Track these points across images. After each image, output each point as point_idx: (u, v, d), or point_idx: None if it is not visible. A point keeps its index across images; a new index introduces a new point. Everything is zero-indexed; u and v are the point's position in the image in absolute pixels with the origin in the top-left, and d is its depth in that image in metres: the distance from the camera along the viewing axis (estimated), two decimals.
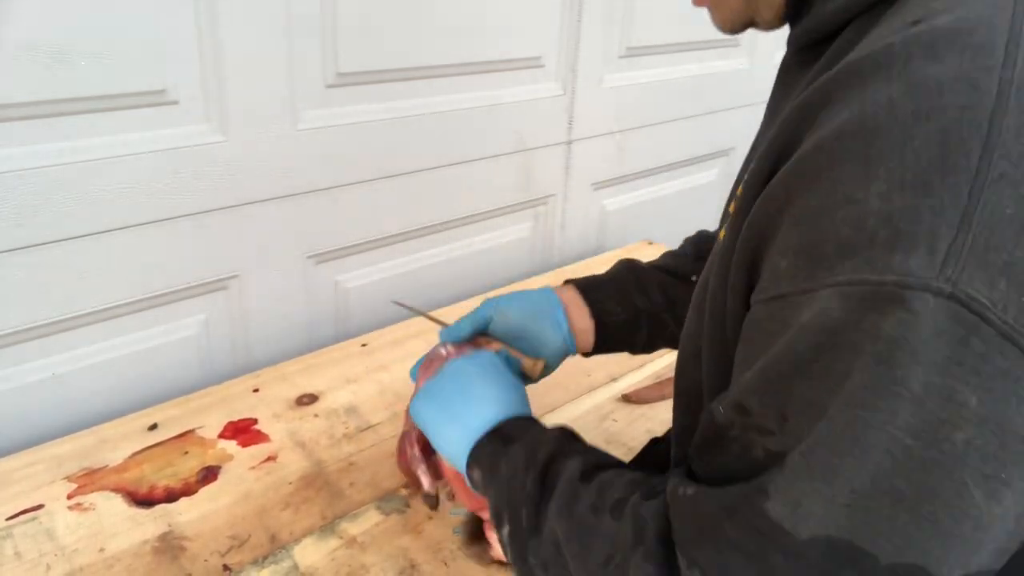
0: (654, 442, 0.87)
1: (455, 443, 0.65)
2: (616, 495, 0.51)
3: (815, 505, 0.38)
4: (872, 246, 0.36)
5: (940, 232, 0.35)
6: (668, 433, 0.72)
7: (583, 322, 0.80)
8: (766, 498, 0.40)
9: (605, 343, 0.82)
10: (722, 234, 0.54)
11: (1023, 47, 0.38)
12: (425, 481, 0.80)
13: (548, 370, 0.80)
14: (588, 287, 0.82)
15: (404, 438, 0.80)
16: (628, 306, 0.81)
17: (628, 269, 0.86)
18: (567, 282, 0.84)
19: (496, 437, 0.62)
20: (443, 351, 0.75)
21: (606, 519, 0.50)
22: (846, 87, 0.40)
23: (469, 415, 0.64)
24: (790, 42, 0.55)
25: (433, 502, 0.80)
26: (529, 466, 0.56)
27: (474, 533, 0.81)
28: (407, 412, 0.79)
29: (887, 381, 0.36)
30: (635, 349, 0.84)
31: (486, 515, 0.77)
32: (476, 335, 0.78)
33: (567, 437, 0.60)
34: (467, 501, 0.75)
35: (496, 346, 0.77)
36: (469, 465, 0.63)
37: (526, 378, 0.78)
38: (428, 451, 0.80)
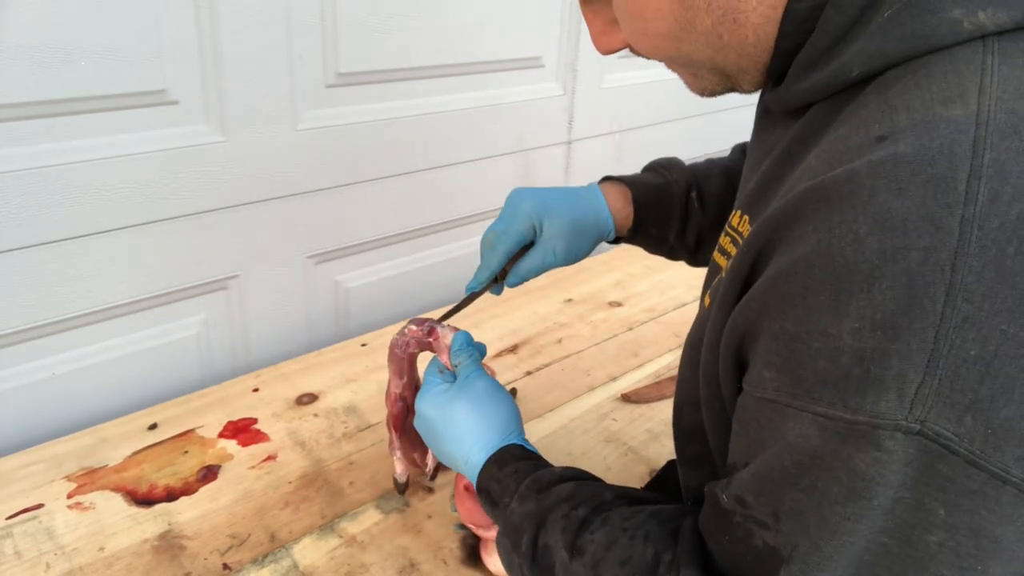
0: (670, 464, 0.90)
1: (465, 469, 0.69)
2: None
3: None
4: (846, 384, 0.39)
5: (908, 376, 0.38)
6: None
7: (621, 201, 0.82)
8: None
9: (642, 217, 0.83)
10: (707, 300, 0.57)
11: (984, 181, 0.38)
12: (398, 467, 0.85)
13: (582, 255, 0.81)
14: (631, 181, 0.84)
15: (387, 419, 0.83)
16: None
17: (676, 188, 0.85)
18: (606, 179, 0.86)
19: (483, 497, 0.65)
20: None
21: None
22: (813, 209, 0.42)
23: (455, 462, 0.69)
24: (764, 100, 0.57)
25: (402, 488, 0.85)
26: (518, 551, 0.59)
27: (471, 552, 0.81)
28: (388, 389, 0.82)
29: (860, 498, 0.41)
30: (671, 228, 0.83)
31: (483, 532, 0.77)
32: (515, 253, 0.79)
33: (534, 498, 0.60)
34: (464, 514, 0.76)
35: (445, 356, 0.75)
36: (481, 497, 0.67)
37: None
38: (405, 433, 0.82)
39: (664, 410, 1.06)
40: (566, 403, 1.07)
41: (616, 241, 0.84)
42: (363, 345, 1.19)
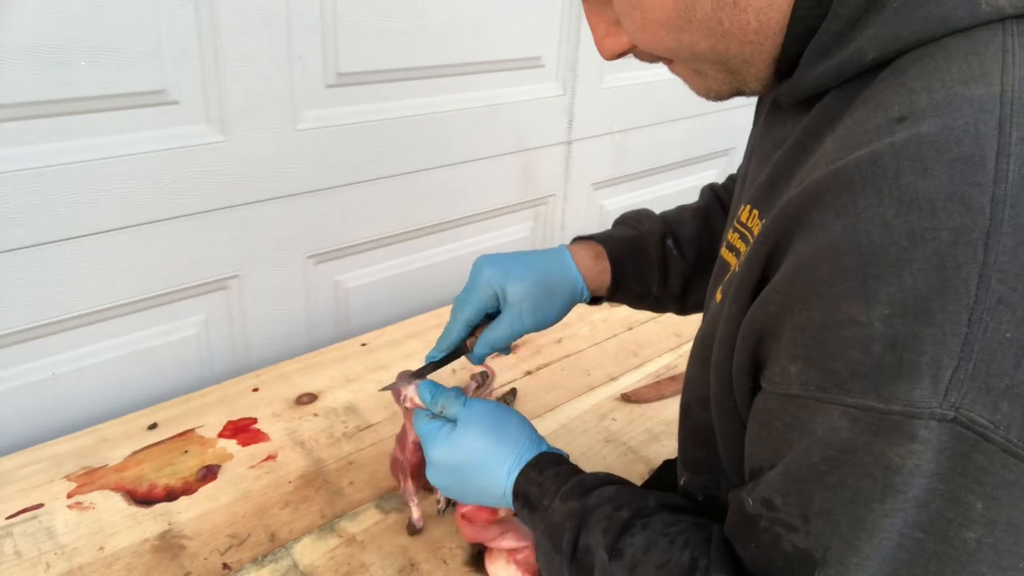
0: (666, 464, 0.89)
1: (491, 500, 0.68)
2: None
3: None
4: (878, 373, 0.38)
5: (943, 362, 0.36)
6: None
7: (591, 258, 0.79)
8: None
9: (621, 277, 0.81)
10: (719, 296, 0.56)
11: (1013, 159, 0.37)
12: (415, 513, 0.83)
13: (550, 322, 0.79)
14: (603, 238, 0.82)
15: (395, 463, 0.81)
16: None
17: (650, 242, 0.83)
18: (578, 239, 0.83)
19: (521, 502, 0.65)
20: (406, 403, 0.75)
21: None
22: (834, 195, 0.40)
23: (489, 489, 0.67)
24: (775, 93, 0.55)
25: (414, 530, 0.83)
26: (558, 550, 0.59)
27: (475, 558, 0.81)
28: (402, 437, 0.81)
29: (897, 492, 0.39)
30: (652, 285, 0.82)
31: (489, 543, 0.76)
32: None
33: (577, 499, 0.60)
34: (467, 533, 0.75)
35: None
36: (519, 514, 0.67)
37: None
38: (419, 475, 0.80)
39: (664, 410, 1.06)
40: (566, 403, 1.07)
41: (596, 301, 0.82)
42: (363, 345, 1.19)
